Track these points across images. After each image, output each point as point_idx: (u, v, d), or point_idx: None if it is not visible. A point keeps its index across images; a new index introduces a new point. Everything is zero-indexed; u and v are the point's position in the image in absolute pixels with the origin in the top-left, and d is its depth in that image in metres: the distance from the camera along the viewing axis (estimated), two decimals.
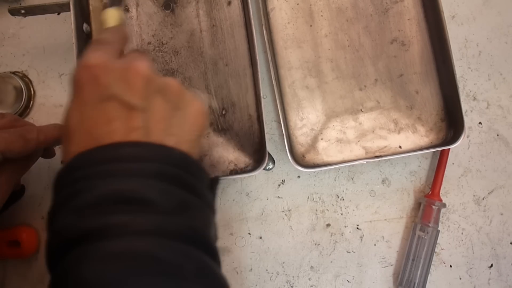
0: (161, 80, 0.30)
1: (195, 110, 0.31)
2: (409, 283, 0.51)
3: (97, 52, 0.29)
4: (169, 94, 0.30)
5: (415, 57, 0.52)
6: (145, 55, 0.31)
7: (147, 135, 0.27)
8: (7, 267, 0.52)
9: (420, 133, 0.52)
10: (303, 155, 0.52)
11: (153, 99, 0.28)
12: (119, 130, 0.27)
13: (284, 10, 0.53)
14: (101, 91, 0.27)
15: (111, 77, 0.28)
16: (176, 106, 0.30)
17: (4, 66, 0.54)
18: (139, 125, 0.27)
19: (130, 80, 0.28)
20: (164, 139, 0.28)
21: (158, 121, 0.28)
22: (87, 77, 0.28)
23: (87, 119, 0.27)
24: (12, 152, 0.39)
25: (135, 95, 0.27)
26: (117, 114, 0.27)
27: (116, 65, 0.28)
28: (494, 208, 0.54)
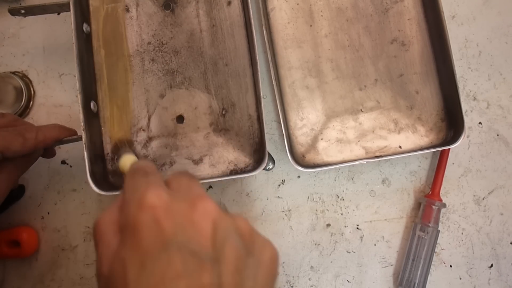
0: (232, 221, 0.24)
1: (269, 257, 0.25)
2: (409, 283, 0.49)
3: (154, 188, 0.24)
4: (241, 237, 0.24)
5: (415, 57, 0.50)
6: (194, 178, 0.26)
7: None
8: (7, 267, 0.51)
9: (420, 133, 0.50)
10: (303, 155, 0.50)
11: (224, 246, 0.23)
12: None
13: (284, 10, 0.51)
14: (165, 238, 0.22)
15: (175, 221, 0.22)
16: (249, 252, 0.24)
17: (4, 66, 0.52)
18: (211, 282, 0.21)
19: (198, 225, 0.23)
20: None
21: (232, 274, 0.22)
22: (147, 220, 0.22)
23: (150, 272, 0.21)
24: (10, 151, 0.38)
25: (204, 243, 0.22)
26: (185, 267, 0.21)
27: (179, 205, 0.23)
28: (494, 208, 0.52)
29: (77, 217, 0.51)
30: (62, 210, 0.51)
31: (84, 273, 0.51)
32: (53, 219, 0.51)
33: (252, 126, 0.48)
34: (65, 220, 0.51)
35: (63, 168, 0.51)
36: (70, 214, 0.51)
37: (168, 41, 0.49)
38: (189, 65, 0.49)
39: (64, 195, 0.51)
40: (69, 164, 0.51)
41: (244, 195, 0.52)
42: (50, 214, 0.51)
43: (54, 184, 0.51)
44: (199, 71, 0.49)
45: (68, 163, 0.51)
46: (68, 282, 0.51)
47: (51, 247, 0.51)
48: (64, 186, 0.51)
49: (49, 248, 0.51)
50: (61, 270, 0.51)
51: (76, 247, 0.51)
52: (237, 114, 0.48)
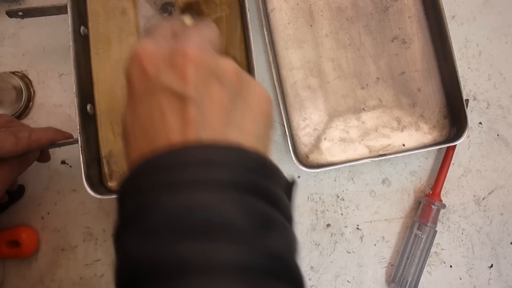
0: (214, 63, 0.24)
1: (258, 96, 0.25)
2: (402, 281, 0.48)
3: (145, 40, 0.25)
4: (226, 77, 0.24)
5: (416, 54, 0.49)
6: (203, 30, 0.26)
7: (203, 128, 0.22)
8: (6, 267, 0.49)
9: (423, 131, 0.49)
10: (306, 155, 0.49)
11: (208, 86, 0.23)
12: (174, 125, 0.22)
13: (284, 10, 0.50)
14: (150, 84, 0.23)
15: (158, 66, 0.23)
16: (235, 92, 0.24)
17: (4, 66, 0.51)
18: (194, 117, 0.22)
19: (178, 67, 0.23)
20: (224, 131, 0.23)
21: (216, 110, 0.23)
22: (136, 70, 0.24)
23: (140, 115, 0.23)
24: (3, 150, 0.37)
25: (185, 83, 0.23)
26: (169, 106, 0.23)
27: (164, 51, 0.24)
28: (494, 208, 0.51)
29: (77, 217, 0.50)
30: (62, 210, 0.50)
31: (84, 273, 0.49)
32: (53, 219, 0.50)
33: None
34: (65, 220, 0.50)
35: (63, 168, 0.50)
36: (70, 214, 0.50)
37: None
38: None
39: (64, 195, 0.50)
40: (69, 164, 0.50)
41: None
42: (50, 214, 0.50)
43: (54, 184, 0.50)
44: None
45: (68, 163, 0.50)
46: (68, 282, 0.49)
47: (51, 247, 0.49)
48: (64, 186, 0.50)
49: (49, 248, 0.50)
50: (61, 270, 0.49)
51: (76, 247, 0.49)
52: None
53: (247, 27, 0.45)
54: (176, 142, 0.22)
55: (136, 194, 0.21)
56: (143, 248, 0.20)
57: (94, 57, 0.47)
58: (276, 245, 0.21)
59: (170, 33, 0.27)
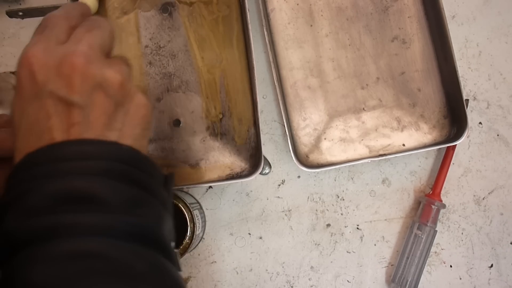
0: (101, 74, 0.26)
1: (137, 103, 0.28)
2: (402, 281, 0.47)
3: (37, 43, 0.26)
4: (111, 88, 0.26)
5: (416, 54, 0.48)
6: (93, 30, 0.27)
7: (87, 130, 0.25)
8: None
9: (423, 131, 0.48)
10: (306, 155, 0.48)
11: (93, 94, 0.25)
12: (58, 125, 0.24)
13: (284, 10, 0.49)
14: (38, 88, 0.25)
15: (47, 74, 0.25)
16: (118, 101, 0.27)
17: (4, 66, 0.50)
18: (78, 121, 0.25)
19: (66, 76, 0.25)
20: (105, 133, 0.25)
21: (99, 116, 0.26)
22: (25, 73, 0.25)
23: (27, 115, 0.25)
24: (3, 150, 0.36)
25: (72, 91, 0.25)
26: (55, 110, 0.24)
27: (52, 58, 0.25)
28: (494, 208, 0.50)
29: None
30: None
31: None
32: None
33: (249, 131, 0.46)
34: None
35: None
36: None
37: (165, 44, 0.47)
38: (186, 69, 0.47)
39: None
40: None
41: (244, 195, 0.50)
42: None
43: None
44: (196, 75, 0.47)
45: None
46: None
47: None
48: None
49: None
50: None
51: None
52: (234, 119, 0.46)
53: (247, 27, 0.44)
54: (59, 140, 0.24)
55: (18, 182, 0.23)
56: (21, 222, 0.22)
57: None
58: (143, 217, 0.24)
59: (65, 29, 0.27)
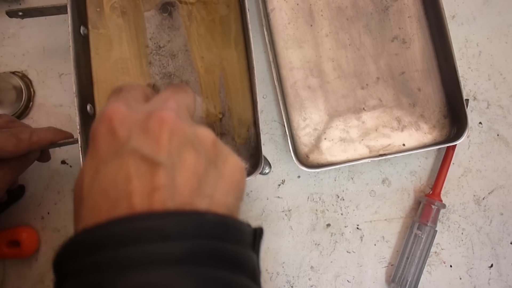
0: (192, 130, 0.22)
1: (232, 168, 0.23)
2: (402, 281, 0.47)
3: (117, 101, 0.23)
4: (202, 147, 0.22)
5: (416, 54, 0.48)
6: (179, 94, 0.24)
7: (173, 195, 0.20)
8: (7, 267, 0.48)
9: (423, 131, 0.47)
10: (307, 155, 0.47)
11: (182, 153, 0.21)
12: (139, 190, 0.20)
13: (284, 10, 0.49)
14: (119, 146, 0.21)
15: (130, 129, 0.21)
16: (210, 162, 0.22)
17: (4, 66, 0.50)
18: (163, 183, 0.20)
19: (152, 131, 0.21)
20: (194, 200, 0.21)
21: (188, 178, 0.21)
22: (103, 130, 0.21)
23: (102, 177, 0.21)
24: (4, 151, 0.36)
25: (159, 148, 0.20)
26: (137, 170, 0.20)
27: (137, 114, 0.22)
28: (494, 208, 0.50)
29: None
30: (62, 210, 0.48)
31: None
32: (53, 219, 0.48)
33: (249, 131, 0.45)
34: (65, 220, 0.48)
35: (63, 168, 0.49)
36: (70, 214, 0.48)
37: (165, 44, 0.47)
38: (186, 69, 0.46)
39: (64, 195, 0.48)
40: (69, 164, 0.49)
41: (244, 195, 0.49)
42: (50, 214, 0.48)
43: (54, 184, 0.49)
44: (196, 75, 0.46)
45: (68, 163, 0.49)
46: None
47: (51, 247, 0.48)
48: (64, 186, 0.48)
49: (49, 248, 0.48)
50: None
51: None
52: (234, 119, 0.46)
53: (247, 27, 0.44)
54: (140, 209, 0.19)
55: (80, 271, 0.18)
56: None
57: (94, 57, 0.46)
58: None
59: (142, 95, 0.25)
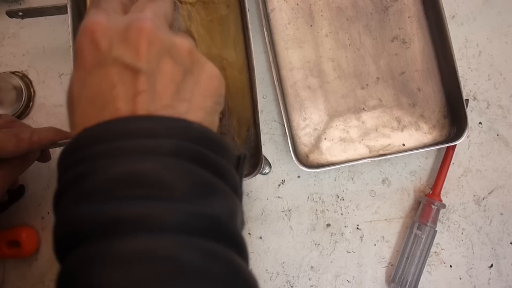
0: (169, 40, 0.23)
1: (209, 74, 0.25)
2: (402, 281, 0.47)
3: (97, 11, 0.23)
4: (179, 55, 0.23)
5: (416, 54, 0.48)
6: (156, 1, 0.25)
7: (153, 99, 0.22)
8: (7, 267, 0.48)
9: (423, 131, 0.47)
10: (306, 155, 0.47)
11: (160, 61, 0.23)
12: (123, 94, 0.22)
13: (284, 10, 0.49)
14: (102, 56, 0.22)
15: (111, 40, 0.22)
16: (187, 69, 0.24)
17: (4, 66, 0.49)
18: (144, 88, 0.22)
19: (132, 41, 0.22)
20: (173, 104, 0.22)
21: (167, 84, 0.23)
22: (86, 42, 0.23)
23: (89, 86, 0.22)
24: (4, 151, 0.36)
25: (138, 57, 0.22)
26: (120, 78, 0.22)
27: (117, 25, 0.23)
28: (494, 208, 0.49)
29: None
30: None
31: None
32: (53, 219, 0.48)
33: (249, 131, 0.45)
34: None
35: None
36: None
37: None
38: None
39: None
40: None
41: (244, 195, 0.49)
42: (50, 214, 0.48)
43: (54, 184, 0.48)
44: None
45: None
46: None
47: (51, 247, 0.48)
48: None
49: (49, 248, 0.48)
50: None
51: None
52: (234, 119, 0.46)
53: (247, 27, 0.44)
54: (125, 112, 0.21)
55: (77, 162, 0.21)
56: (83, 209, 0.19)
57: None
58: (215, 209, 0.21)
59: (120, 5, 0.25)
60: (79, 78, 0.23)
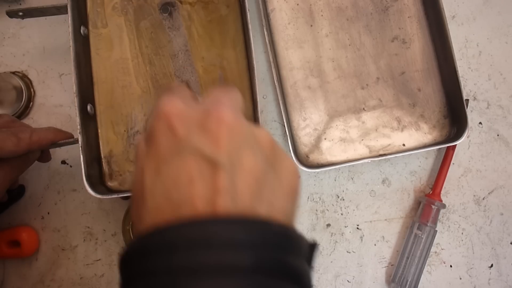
0: (250, 130, 0.22)
1: (289, 172, 0.23)
2: (402, 281, 0.47)
3: (172, 97, 0.22)
4: (260, 148, 0.22)
5: (416, 54, 0.48)
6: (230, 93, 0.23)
7: (234, 200, 0.19)
8: (7, 267, 0.48)
9: (423, 131, 0.47)
10: (307, 155, 0.47)
11: (241, 153, 0.21)
12: (202, 192, 0.19)
13: (284, 10, 0.48)
14: (179, 144, 0.20)
15: (189, 127, 0.21)
16: (268, 165, 0.22)
17: (4, 66, 0.49)
18: (225, 186, 0.19)
19: (211, 130, 0.20)
20: (254, 205, 0.20)
21: (248, 181, 0.20)
22: (162, 127, 0.21)
23: (164, 177, 0.20)
24: (4, 151, 0.36)
25: (219, 148, 0.20)
26: (199, 171, 0.20)
27: (195, 111, 0.21)
28: (494, 208, 0.49)
29: (77, 217, 0.48)
30: (62, 210, 0.48)
31: (84, 273, 0.48)
32: (53, 219, 0.48)
33: None
34: (65, 220, 0.48)
35: (63, 168, 0.49)
36: (70, 214, 0.48)
37: (165, 44, 0.46)
38: (186, 69, 0.46)
39: (64, 195, 0.48)
40: (69, 164, 0.48)
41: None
42: (50, 214, 0.48)
43: (54, 184, 0.48)
44: (197, 75, 0.46)
45: (68, 163, 0.48)
46: (68, 282, 0.48)
47: (51, 247, 0.48)
48: (64, 186, 0.48)
49: (49, 248, 0.48)
50: (61, 270, 0.48)
51: (76, 247, 0.48)
52: None
53: (247, 27, 0.44)
54: (203, 211, 0.19)
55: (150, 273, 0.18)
56: None
57: (94, 57, 0.46)
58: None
59: (191, 95, 0.24)
60: (152, 166, 0.21)
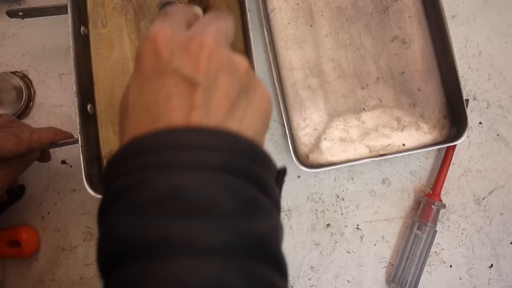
0: (228, 56, 0.24)
1: (261, 96, 0.25)
2: (402, 281, 0.47)
3: (162, 23, 0.24)
4: (236, 73, 0.24)
5: (417, 54, 0.48)
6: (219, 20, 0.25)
7: (207, 115, 0.22)
8: (7, 267, 0.48)
9: (423, 131, 0.47)
10: (307, 155, 0.47)
11: (218, 76, 0.23)
12: (179, 107, 0.21)
13: (284, 10, 0.48)
14: (162, 65, 0.23)
15: (173, 50, 0.23)
16: (242, 88, 0.24)
17: (4, 66, 0.49)
18: (200, 103, 0.22)
19: (193, 54, 0.22)
20: (225, 121, 0.22)
21: (222, 100, 0.23)
22: (148, 51, 0.23)
23: (145, 94, 0.22)
24: (4, 150, 0.36)
25: (198, 69, 0.22)
26: (177, 89, 0.22)
27: (180, 37, 0.23)
28: (494, 208, 0.49)
29: (77, 217, 0.48)
30: (62, 210, 0.48)
31: (84, 273, 0.48)
32: (53, 219, 0.48)
33: None
34: (65, 220, 0.48)
35: (63, 168, 0.48)
36: (70, 214, 0.48)
37: None
38: None
39: (64, 195, 0.48)
40: (69, 164, 0.48)
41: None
42: (50, 214, 0.48)
43: (54, 184, 0.48)
44: None
45: (68, 163, 0.48)
46: (68, 282, 0.48)
47: (51, 247, 0.48)
48: (64, 186, 0.48)
49: (49, 248, 0.48)
50: (61, 270, 0.48)
51: (76, 247, 0.48)
52: None
53: (247, 27, 0.43)
54: (178, 123, 0.21)
55: (125, 172, 0.20)
56: (131, 224, 0.19)
57: (94, 57, 0.46)
58: (260, 228, 0.20)
59: (185, 20, 0.26)
60: (136, 85, 0.23)
